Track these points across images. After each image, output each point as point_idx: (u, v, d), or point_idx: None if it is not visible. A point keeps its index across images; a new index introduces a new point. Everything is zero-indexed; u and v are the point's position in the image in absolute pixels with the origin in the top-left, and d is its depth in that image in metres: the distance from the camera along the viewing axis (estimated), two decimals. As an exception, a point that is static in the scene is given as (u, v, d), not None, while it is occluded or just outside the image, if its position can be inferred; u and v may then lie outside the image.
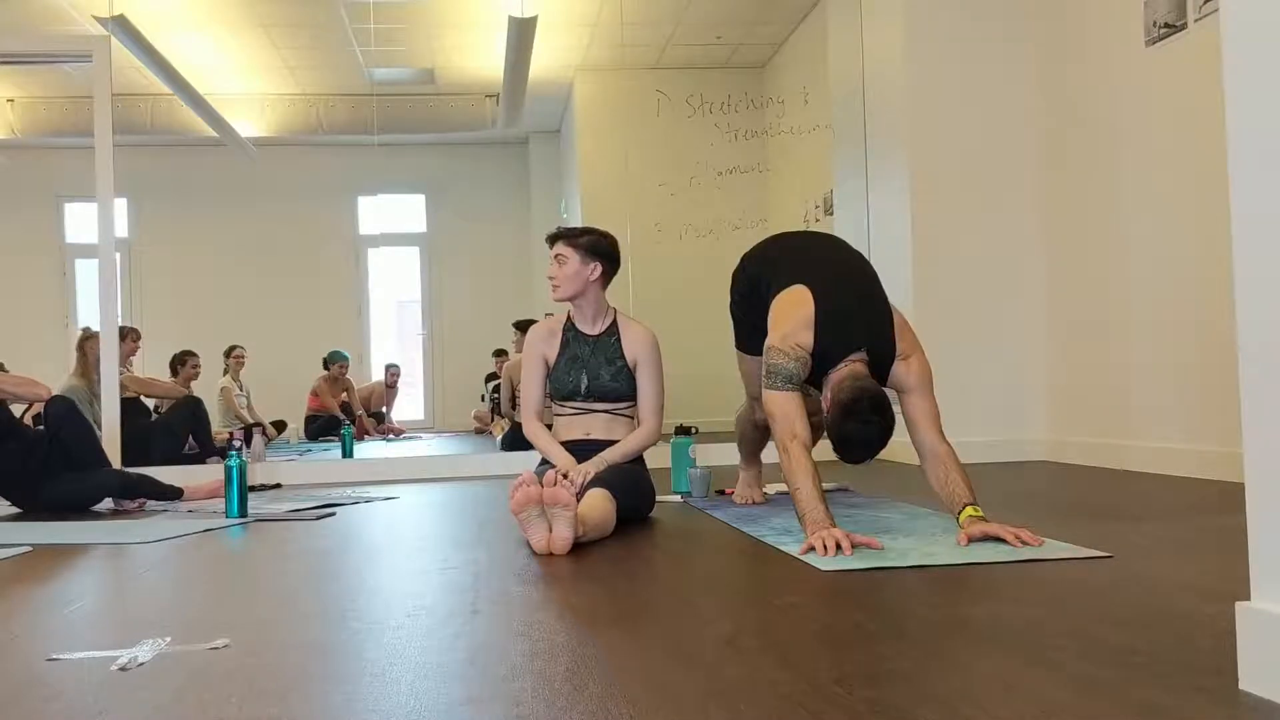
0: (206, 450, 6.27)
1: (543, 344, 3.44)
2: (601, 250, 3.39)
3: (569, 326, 3.44)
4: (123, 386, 5.71)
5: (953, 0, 5.38)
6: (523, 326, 7.60)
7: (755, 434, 3.60)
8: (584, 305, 3.41)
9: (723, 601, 2.11)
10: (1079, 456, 4.93)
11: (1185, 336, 4.20)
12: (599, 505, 2.87)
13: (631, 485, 3.16)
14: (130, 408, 5.98)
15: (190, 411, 6.42)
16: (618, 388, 3.35)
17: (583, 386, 3.35)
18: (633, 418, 3.39)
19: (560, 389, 3.38)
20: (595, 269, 3.37)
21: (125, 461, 5.21)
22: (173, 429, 6.30)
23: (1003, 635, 1.69)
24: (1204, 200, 4.03)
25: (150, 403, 6.91)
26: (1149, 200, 4.45)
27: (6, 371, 5.54)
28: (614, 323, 3.45)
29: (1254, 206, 1.34)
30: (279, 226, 9.41)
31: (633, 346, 3.39)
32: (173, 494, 4.39)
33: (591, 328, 3.43)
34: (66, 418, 4.35)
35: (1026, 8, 5.33)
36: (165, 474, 4.58)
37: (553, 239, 3.41)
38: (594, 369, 3.36)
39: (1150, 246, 4.45)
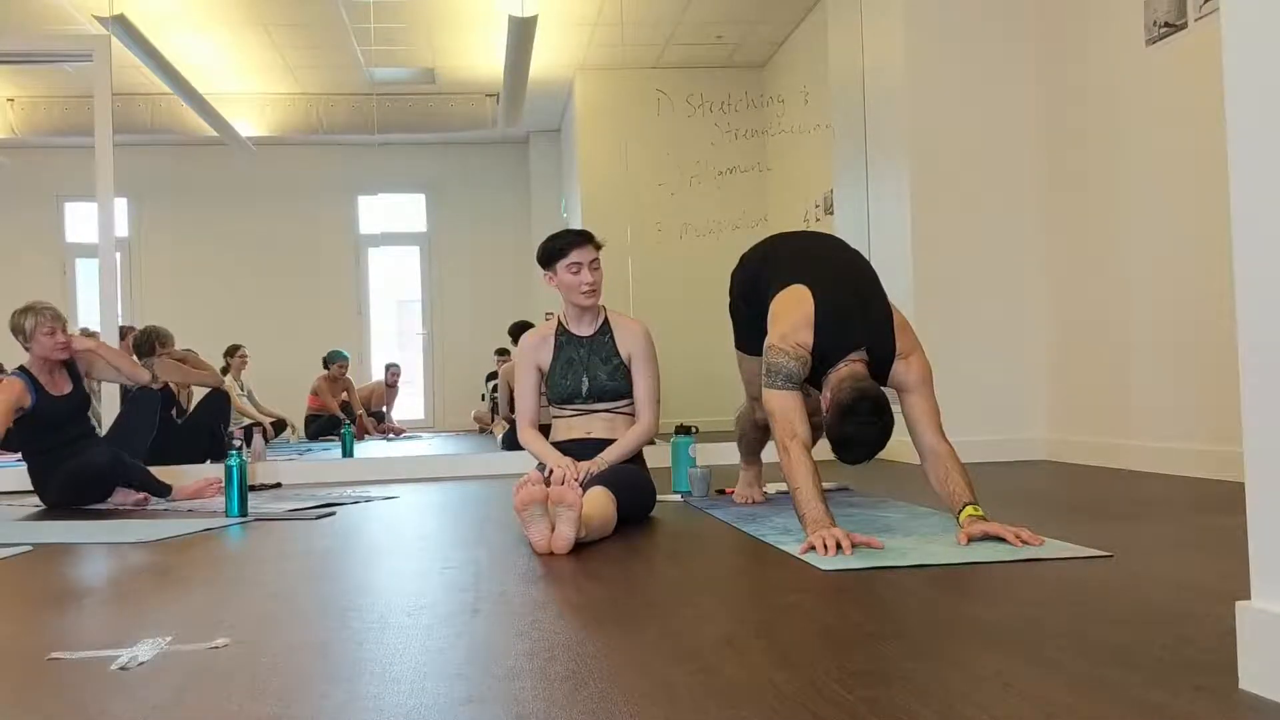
0: (219, 448, 6.11)
1: (535, 353, 3.41)
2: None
3: (561, 330, 3.41)
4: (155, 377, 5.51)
5: (953, 0, 5.38)
6: (515, 332, 7.58)
7: (755, 433, 3.59)
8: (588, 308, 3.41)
9: (723, 601, 2.11)
10: (1079, 456, 4.93)
11: (1185, 336, 4.20)
12: (600, 504, 2.87)
13: (632, 484, 3.15)
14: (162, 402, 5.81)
15: (219, 405, 6.29)
16: (616, 386, 3.33)
17: (584, 389, 3.32)
18: (633, 415, 3.38)
19: (559, 393, 3.35)
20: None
21: (149, 460, 5.15)
22: (204, 427, 6.13)
23: (1003, 635, 1.69)
24: (1204, 200, 4.03)
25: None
26: (1149, 200, 4.45)
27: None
28: (605, 321, 3.43)
29: (1254, 206, 1.34)
30: (279, 226, 9.42)
31: (626, 342, 3.37)
32: (163, 490, 4.39)
33: (585, 329, 3.40)
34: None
35: (1026, 8, 5.33)
36: (163, 474, 4.58)
37: (587, 243, 3.31)
38: (592, 370, 3.34)
39: (1150, 246, 4.45)
